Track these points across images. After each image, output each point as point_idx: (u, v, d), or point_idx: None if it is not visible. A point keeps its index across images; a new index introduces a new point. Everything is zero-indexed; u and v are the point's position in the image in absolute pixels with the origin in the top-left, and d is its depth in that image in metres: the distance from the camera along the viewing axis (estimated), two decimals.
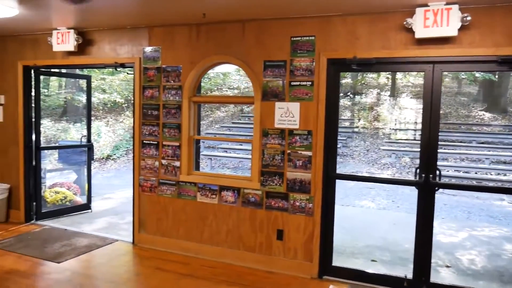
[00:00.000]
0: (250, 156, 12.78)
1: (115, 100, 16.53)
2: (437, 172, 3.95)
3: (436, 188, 3.97)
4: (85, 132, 6.86)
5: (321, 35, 4.25)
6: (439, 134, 3.98)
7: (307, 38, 4.29)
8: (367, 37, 4.08)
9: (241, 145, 14.05)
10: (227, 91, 19.26)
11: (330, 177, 4.33)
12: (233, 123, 16.88)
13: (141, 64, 5.10)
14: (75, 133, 14.23)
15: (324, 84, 4.24)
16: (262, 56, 4.49)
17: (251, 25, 4.53)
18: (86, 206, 6.80)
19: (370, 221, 7.08)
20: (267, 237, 4.59)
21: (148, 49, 5.05)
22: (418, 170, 4.01)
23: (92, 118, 15.08)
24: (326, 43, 4.23)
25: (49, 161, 10.21)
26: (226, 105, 18.29)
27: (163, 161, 5.05)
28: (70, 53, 5.51)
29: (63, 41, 5.33)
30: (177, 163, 4.97)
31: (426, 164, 3.96)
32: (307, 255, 4.42)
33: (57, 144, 12.01)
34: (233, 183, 4.74)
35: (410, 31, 3.84)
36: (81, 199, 6.92)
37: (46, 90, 16.67)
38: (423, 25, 3.71)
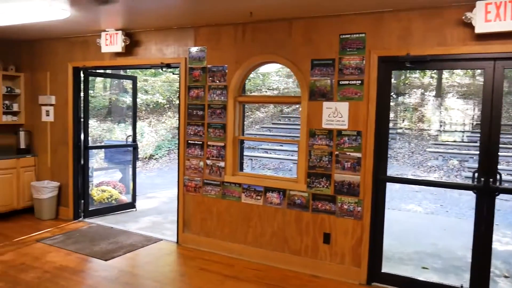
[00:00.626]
0: (291, 157, 12.72)
1: (157, 101, 16.82)
2: (498, 176, 3.70)
3: (497, 193, 3.73)
4: (129, 132, 6.98)
5: (371, 32, 4.09)
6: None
7: (357, 35, 4.14)
8: (421, 34, 3.88)
9: (282, 145, 13.95)
10: (266, 91, 19.21)
11: (380, 179, 4.16)
12: (273, 123, 16.80)
13: (187, 64, 5.11)
14: (119, 133, 14.60)
15: (374, 83, 4.08)
16: (310, 55, 4.38)
17: (299, 23, 4.43)
18: (131, 205, 6.90)
19: (419, 226, 6.81)
20: (313, 240, 4.47)
21: (194, 49, 5.05)
22: (476, 174, 3.77)
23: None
24: (377, 41, 4.07)
25: (96, 160, 10.51)
26: (266, 105, 18.24)
27: (208, 162, 5.03)
28: (117, 54, 5.61)
29: (111, 42, 5.42)
30: (222, 164, 4.94)
31: (485, 167, 3.72)
32: (355, 260, 4.27)
33: (102, 144, 12.34)
34: (279, 184, 4.65)
35: (469, 26, 3.62)
36: (126, 198, 7.04)
37: (92, 91, 17.19)
38: (484, 19, 3.48)
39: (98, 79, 16.86)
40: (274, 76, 20.01)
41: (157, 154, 14.22)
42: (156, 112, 17.20)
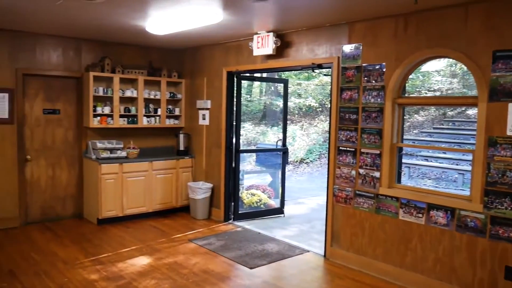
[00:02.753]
0: (456, 166, 11.22)
1: (310, 105, 16.73)
2: None
3: None
4: (281, 136, 6.85)
5: None
6: None
7: None
8: None
9: (445, 153, 12.46)
10: (426, 93, 17.55)
11: None
12: (434, 128, 15.21)
13: (339, 63, 4.70)
14: (272, 136, 14.88)
15: None
16: (491, 46, 3.56)
17: (477, 8, 3.64)
18: (279, 210, 6.77)
19: None
20: (490, 274, 3.62)
21: (348, 47, 4.62)
22: None
23: (288, 122, 15.64)
24: None
25: (249, 162, 10.81)
26: (426, 108, 16.65)
27: (361, 171, 4.54)
28: (268, 57, 5.49)
29: (263, 45, 5.32)
30: (377, 174, 4.39)
31: None
32: None
33: (255, 147, 12.67)
34: (446, 201, 3.91)
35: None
36: (274, 203, 6.94)
37: (248, 96, 17.98)
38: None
39: (255, 83, 17.54)
40: (435, 76, 18.20)
41: (308, 158, 14.08)
42: (308, 116, 17.14)
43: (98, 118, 6.16)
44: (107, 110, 6.25)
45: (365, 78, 4.46)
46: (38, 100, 6.03)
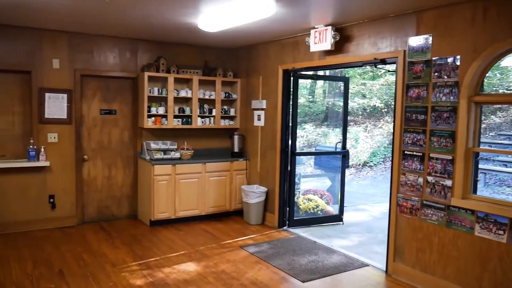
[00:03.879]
0: None
1: (375, 105, 15.94)
2: None
3: None
4: (339, 138, 6.41)
5: None
6: None
7: None
8: None
9: None
10: (504, 92, 16.07)
11: None
12: None
13: (405, 58, 4.21)
14: (333, 138, 14.34)
15: None
16: None
17: None
18: (338, 218, 6.33)
19: None
20: None
21: (415, 39, 4.11)
22: None
23: (351, 123, 14.95)
24: None
25: (309, 164, 10.40)
26: (505, 108, 15.23)
27: (429, 178, 4.01)
28: (326, 53, 5.11)
29: (320, 40, 4.94)
30: (448, 182, 3.86)
31: None
32: None
33: (314, 150, 12.21)
34: None
35: None
36: (332, 209, 6.51)
37: (311, 97, 17.52)
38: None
39: (319, 84, 17.03)
40: None
41: (371, 161, 13.37)
42: (373, 117, 16.35)
43: (153, 118, 6.09)
44: (161, 110, 6.17)
45: (436, 74, 3.94)
46: (95, 101, 6.08)
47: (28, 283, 4.01)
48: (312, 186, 7.28)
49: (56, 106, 5.69)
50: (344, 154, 6.32)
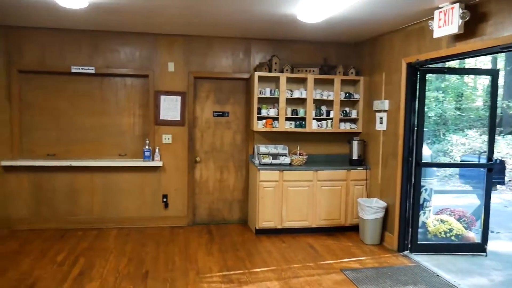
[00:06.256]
0: None
1: None
2: None
3: None
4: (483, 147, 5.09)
5: None
6: None
7: None
8: None
9: None
10: None
11: None
12: None
13: None
14: (504, 146, 11.99)
15: None
16: None
17: None
18: (479, 247, 5.02)
19: None
20: None
21: None
22: None
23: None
24: None
25: (448, 177, 8.76)
26: None
27: None
28: (456, 39, 4.05)
29: (446, 23, 3.92)
30: None
31: None
32: None
33: (458, 160, 10.25)
34: None
35: None
36: (473, 235, 5.21)
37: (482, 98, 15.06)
38: None
39: (485, 82, 14.52)
40: None
41: None
42: None
43: (263, 121, 5.77)
44: (272, 112, 5.81)
45: None
46: (209, 103, 6.05)
47: (112, 280, 4.07)
48: (449, 204, 5.99)
49: (170, 108, 5.83)
50: (490, 167, 4.99)
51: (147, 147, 5.75)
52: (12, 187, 5.59)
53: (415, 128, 4.96)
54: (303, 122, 5.87)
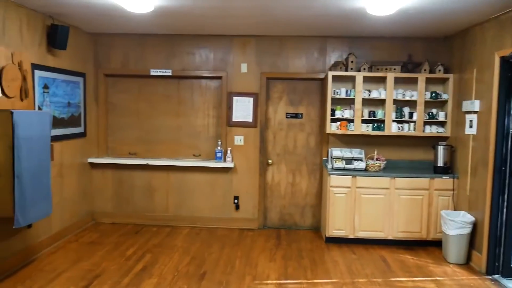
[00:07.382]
0: None
1: None
2: None
3: None
4: None
5: None
6: None
7: None
8: None
9: None
10: None
11: None
12: None
13: None
14: None
15: None
16: None
17: None
18: None
19: None
20: None
21: None
22: None
23: None
24: None
25: None
26: None
27: None
28: None
29: None
30: None
31: None
32: None
33: None
34: None
35: None
36: None
37: None
38: None
39: None
40: None
41: None
42: None
43: (337, 123, 5.46)
44: (347, 114, 5.46)
45: None
46: (282, 104, 5.90)
47: (170, 277, 4.13)
48: None
49: (243, 109, 5.80)
50: None
51: (219, 148, 5.78)
52: (98, 183, 6.02)
53: (510, 132, 4.27)
54: (382, 125, 5.42)
